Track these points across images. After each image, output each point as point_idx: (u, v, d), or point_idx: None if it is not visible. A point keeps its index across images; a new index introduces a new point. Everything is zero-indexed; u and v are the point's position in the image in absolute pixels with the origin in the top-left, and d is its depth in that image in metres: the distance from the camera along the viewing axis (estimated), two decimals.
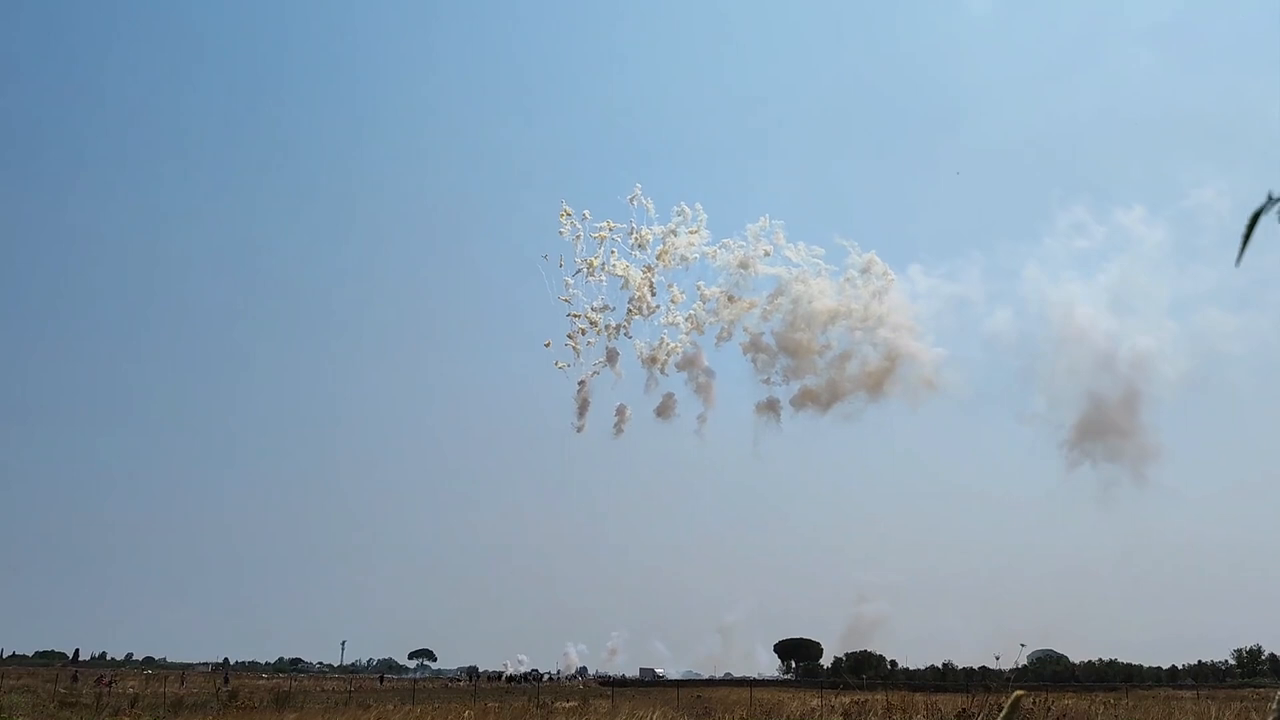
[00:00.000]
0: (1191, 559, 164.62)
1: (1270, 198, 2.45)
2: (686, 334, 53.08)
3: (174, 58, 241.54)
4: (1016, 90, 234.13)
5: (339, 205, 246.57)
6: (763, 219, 52.54)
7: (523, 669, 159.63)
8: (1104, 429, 60.85)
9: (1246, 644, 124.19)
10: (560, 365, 52.01)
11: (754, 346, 53.99)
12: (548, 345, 51.95)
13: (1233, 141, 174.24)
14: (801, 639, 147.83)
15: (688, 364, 53.72)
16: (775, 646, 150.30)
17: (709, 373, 54.70)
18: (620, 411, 54.64)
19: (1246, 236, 2.53)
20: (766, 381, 54.95)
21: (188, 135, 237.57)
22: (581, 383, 52.91)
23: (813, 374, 54.33)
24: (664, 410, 54.34)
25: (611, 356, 52.40)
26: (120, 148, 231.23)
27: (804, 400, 54.66)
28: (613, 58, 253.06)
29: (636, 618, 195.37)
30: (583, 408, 53.81)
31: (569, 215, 50.36)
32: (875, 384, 54.95)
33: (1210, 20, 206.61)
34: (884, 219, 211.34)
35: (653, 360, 52.92)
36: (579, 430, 55.25)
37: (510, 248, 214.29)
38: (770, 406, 54.95)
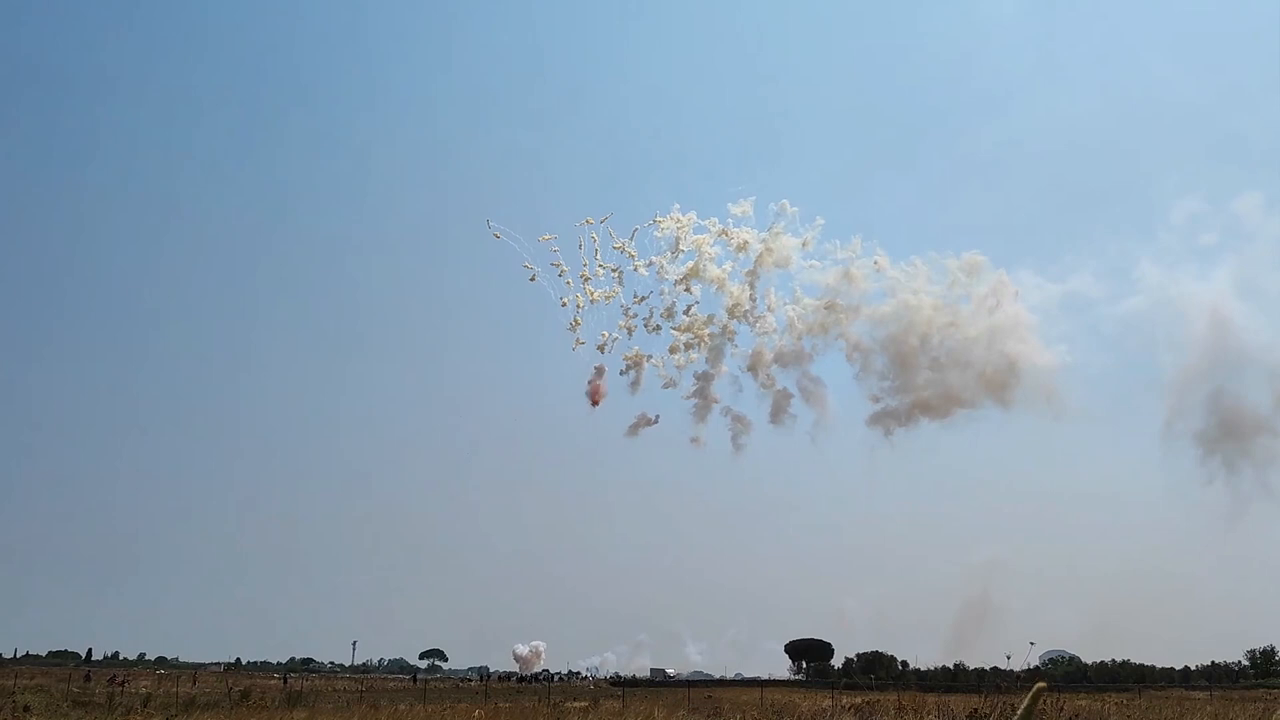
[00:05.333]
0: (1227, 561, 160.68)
1: None
2: (781, 339, 50.84)
3: (189, 62, 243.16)
4: (1063, 87, 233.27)
5: (356, 212, 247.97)
6: (855, 239, 50.45)
7: (645, 660, 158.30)
8: (1238, 432, 57.60)
9: (1260, 644, 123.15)
10: (667, 384, 50.02)
11: (857, 350, 51.59)
12: (652, 361, 49.87)
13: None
14: (813, 639, 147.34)
15: (793, 359, 51.27)
16: (786, 647, 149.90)
17: (817, 381, 52.29)
18: (739, 419, 51.98)
19: None
20: (875, 399, 52.37)
21: (203, 137, 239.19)
22: (699, 377, 50.41)
23: (924, 383, 51.67)
24: (777, 413, 51.88)
25: (715, 359, 50.35)
26: (134, 148, 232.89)
27: (916, 411, 52.05)
28: (630, 60, 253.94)
29: (752, 617, 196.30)
30: (702, 412, 51.36)
31: (677, 220, 48.20)
32: (994, 390, 52.37)
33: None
34: (948, 224, 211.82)
35: (753, 368, 51.06)
36: (696, 442, 52.64)
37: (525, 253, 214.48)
38: (882, 419, 52.37)
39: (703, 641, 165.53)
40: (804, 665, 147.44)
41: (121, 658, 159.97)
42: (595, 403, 50.47)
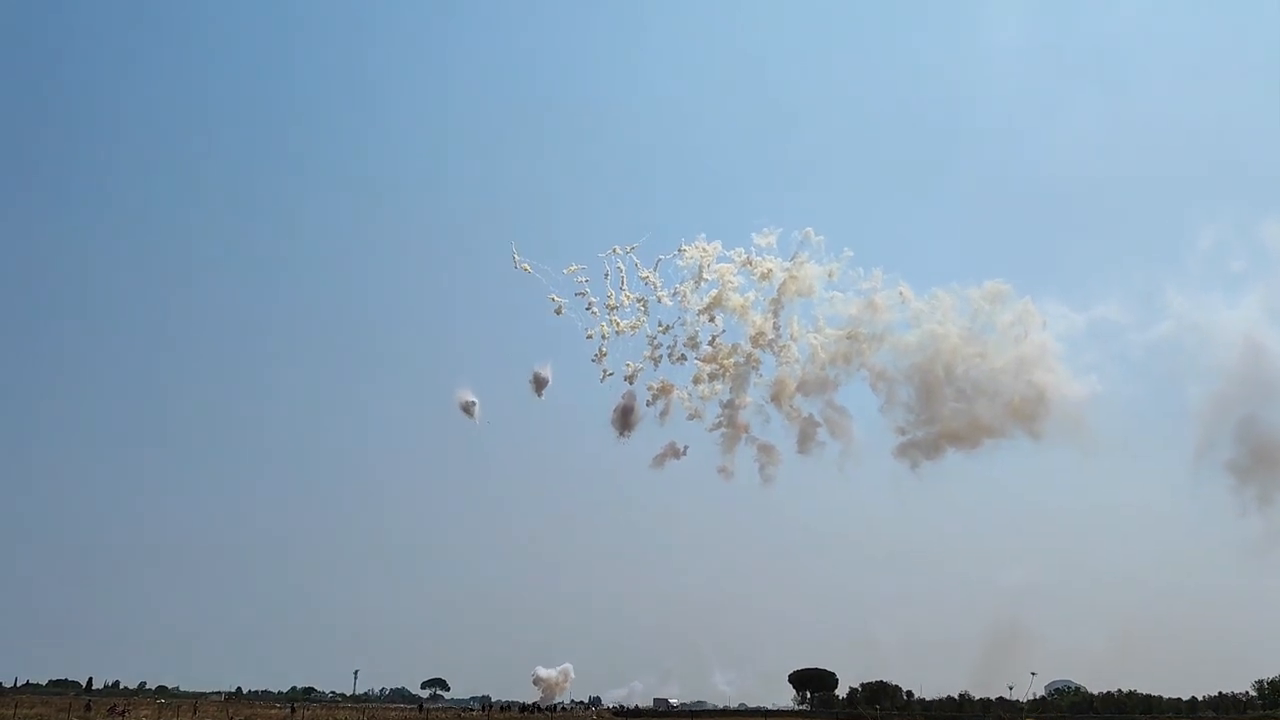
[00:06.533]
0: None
1: None
2: (805, 368, 50.73)
3: (198, 89, 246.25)
4: (1070, 115, 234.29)
5: (365, 223, 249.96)
6: (877, 270, 50.48)
7: (674, 689, 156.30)
8: (1270, 459, 56.68)
9: (1268, 675, 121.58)
10: (692, 415, 50.06)
11: (882, 379, 51.33)
12: (678, 394, 49.96)
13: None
14: (817, 669, 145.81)
15: (817, 388, 51.13)
16: (790, 677, 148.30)
17: (842, 410, 52.03)
18: (765, 449, 51.72)
19: None
20: (901, 430, 52.10)
21: (209, 168, 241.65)
22: (725, 407, 50.27)
23: (951, 414, 51.17)
24: (804, 441, 51.69)
25: (739, 388, 50.24)
26: (141, 157, 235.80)
27: (943, 441, 51.54)
28: (639, 79, 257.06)
29: (780, 646, 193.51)
30: (730, 441, 51.14)
31: (702, 249, 48.25)
32: (1023, 420, 51.72)
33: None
34: (969, 252, 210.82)
35: (776, 398, 50.97)
36: (723, 472, 52.45)
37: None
38: (908, 451, 52.01)
39: (731, 670, 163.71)
40: (808, 695, 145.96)
41: (122, 687, 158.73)
42: (625, 430, 50.55)
